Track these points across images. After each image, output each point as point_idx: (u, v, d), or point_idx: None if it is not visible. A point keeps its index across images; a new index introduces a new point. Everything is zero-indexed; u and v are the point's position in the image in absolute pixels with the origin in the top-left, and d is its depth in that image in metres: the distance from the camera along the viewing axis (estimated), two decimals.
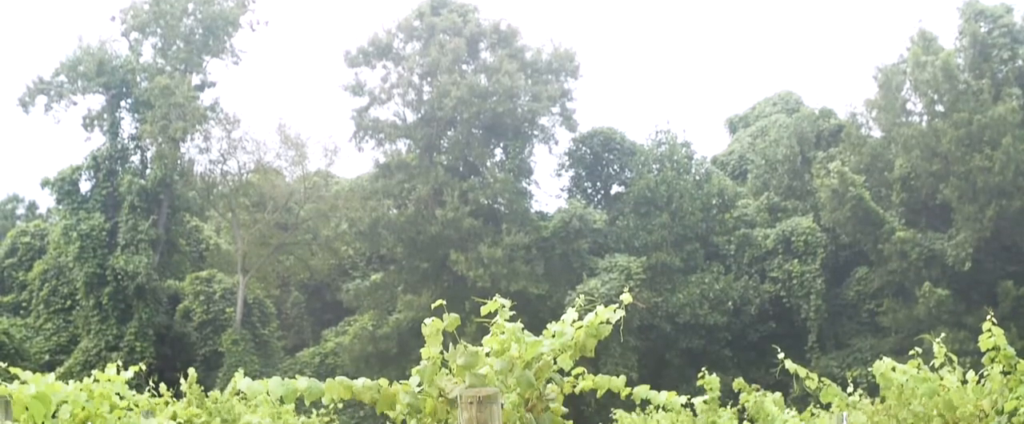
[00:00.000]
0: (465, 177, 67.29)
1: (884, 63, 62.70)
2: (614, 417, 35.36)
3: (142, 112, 69.85)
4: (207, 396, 19.28)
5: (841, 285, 64.68)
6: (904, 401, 11.91)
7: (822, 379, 14.01)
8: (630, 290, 8.33)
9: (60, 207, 72.52)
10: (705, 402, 21.82)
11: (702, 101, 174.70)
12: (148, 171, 70.19)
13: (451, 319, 7.89)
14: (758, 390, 18.21)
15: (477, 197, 65.94)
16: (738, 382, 18.04)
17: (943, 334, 14.18)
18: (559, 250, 66.32)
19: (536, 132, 69.99)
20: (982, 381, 11.07)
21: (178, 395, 19.05)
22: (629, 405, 34.03)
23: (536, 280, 64.36)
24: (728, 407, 22.57)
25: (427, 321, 7.93)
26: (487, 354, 8.08)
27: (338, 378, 7.80)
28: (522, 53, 68.79)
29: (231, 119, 72.81)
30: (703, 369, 20.59)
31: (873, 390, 14.23)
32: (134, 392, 13.95)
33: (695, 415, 23.46)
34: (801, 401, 27.80)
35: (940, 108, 59.46)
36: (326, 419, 28.68)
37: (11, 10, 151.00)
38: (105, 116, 70.71)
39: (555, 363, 8.04)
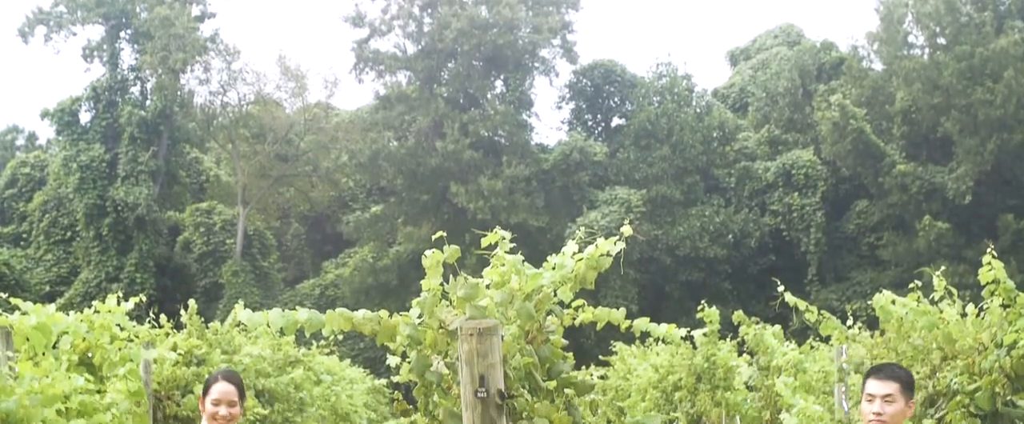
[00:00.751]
0: (465, 109, 67.15)
1: None
2: (614, 349, 35.48)
3: (142, 43, 69.61)
4: (207, 327, 19.32)
5: (841, 218, 64.72)
6: (903, 334, 11.93)
7: (822, 312, 14.03)
8: (630, 222, 8.32)
9: (60, 138, 72.45)
10: (705, 334, 21.95)
11: (703, 33, 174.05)
12: (148, 102, 70.05)
13: (451, 251, 7.88)
14: (757, 323, 18.26)
15: (477, 129, 65.85)
16: (738, 315, 18.10)
17: (943, 267, 14.18)
18: (559, 182, 66.30)
19: (537, 64, 69.80)
20: (981, 314, 11.08)
21: (178, 326, 19.09)
22: (629, 337, 34.19)
23: (536, 212, 64.39)
24: (727, 339, 22.67)
25: (427, 253, 7.93)
26: (487, 286, 8.08)
27: (338, 309, 7.81)
28: None
29: (231, 50, 72.62)
30: (703, 302, 20.65)
31: (872, 323, 14.26)
32: (134, 323, 14.00)
33: (695, 347, 23.55)
34: (800, 334, 27.92)
35: (942, 41, 59.25)
36: (326, 351, 28.79)
37: None
38: (104, 47, 70.47)
39: (555, 295, 8.04)
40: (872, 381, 6.43)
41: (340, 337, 16.26)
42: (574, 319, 8.43)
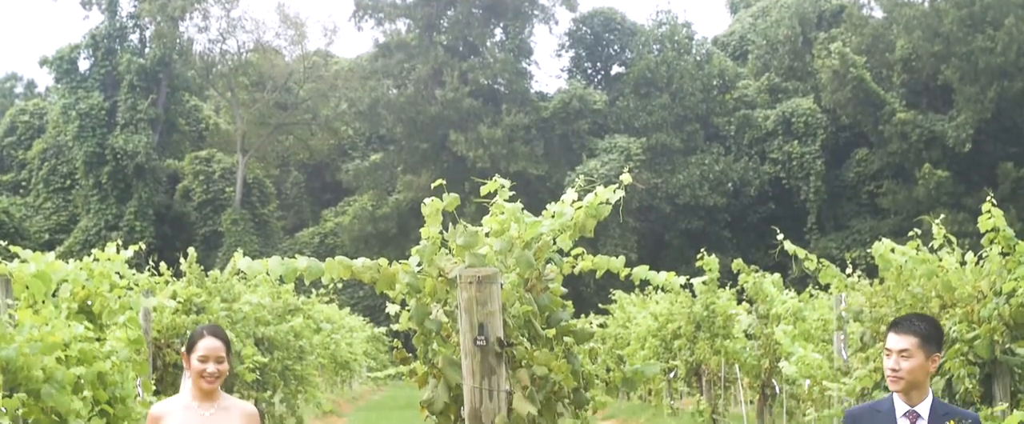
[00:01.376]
0: (465, 57, 66.98)
1: None
2: (613, 298, 35.54)
3: None
4: (207, 275, 19.33)
5: (841, 167, 64.69)
6: (903, 282, 11.93)
7: (821, 260, 14.03)
8: (630, 171, 8.30)
9: (59, 86, 72.32)
10: (704, 283, 21.98)
11: None
12: (147, 50, 69.87)
13: (450, 199, 7.87)
14: (757, 271, 18.27)
15: (477, 77, 65.71)
16: (737, 263, 18.11)
17: (942, 215, 14.17)
18: (559, 131, 66.21)
19: (536, 12, 69.57)
20: (981, 262, 11.07)
21: (178, 274, 19.10)
22: (628, 285, 34.24)
23: (536, 161, 64.36)
24: (727, 288, 22.71)
25: (426, 201, 7.91)
26: (486, 234, 8.08)
27: (337, 258, 7.81)
28: None
29: None
30: (702, 250, 20.68)
31: (872, 271, 14.26)
32: (134, 271, 13.99)
33: (694, 296, 23.60)
34: (800, 282, 27.96)
35: None
36: (326, 299, 28.82)
37: None
38: None
39: (554, 243, 8.04)
40: (891, 335, 6.17)
41: (339, 285, 16.28)
42: (573, 267, 8.42)
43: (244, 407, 7.01)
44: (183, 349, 7.01)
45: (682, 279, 8.98)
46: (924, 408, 6.11)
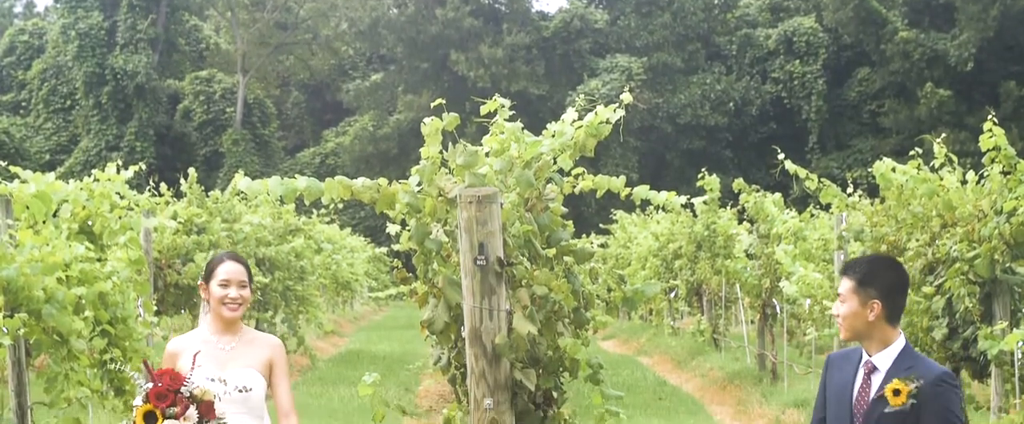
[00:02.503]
0: None
1: None
2: (614, 218, 35.59)
3: None
4: (207, 196, 19.35)
5: (842, 86, 64.47)
6: (904, 201, 11.93)
7: (822, 180, 14.02)
8: (630, 90, 8.27)
9: (58, 5, 71.86)
10: (705, 202, 21.99)
11: None
12: None
13: (450, 119, 7.84)
14: (758, 191, 18.29)
15: None
16: (738, 183, 18.12)
17: (944, 134, 14.17)
18: (560, 50, 65.95)
19: None
20: (982, 181, 11.07)
21: (178, 195, 19.12)
22: (629, 205, 34.16)
23: (536, 80, 64.17)
24: (728, 207, 22.72)
25: (426, 121, 7.88)
26: (487, 154, 8.05)
27: (337, 178, 7.79)
28: None
29: None
30: (703, 170, 20.67)
31: (873, 191, 14.25)
32: (134, 192, 13.98)
33: (695, 215, 23.63)
34: (801, 202, 27.96)
35: None
36: (327, 219, 28.85)
37: None
38: None
39: (555, 163, 8.02)
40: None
41: (340, 205, 16.24)
42: (574, 187, 8.41)
43: (269, 339, 6.58)
44: (200, 279, 6.56)
45: (683, 199, 8.96)
46: (884, 359, 5.52)
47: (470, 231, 7.06)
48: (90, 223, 12.40)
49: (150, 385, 5.73)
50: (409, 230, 7.85)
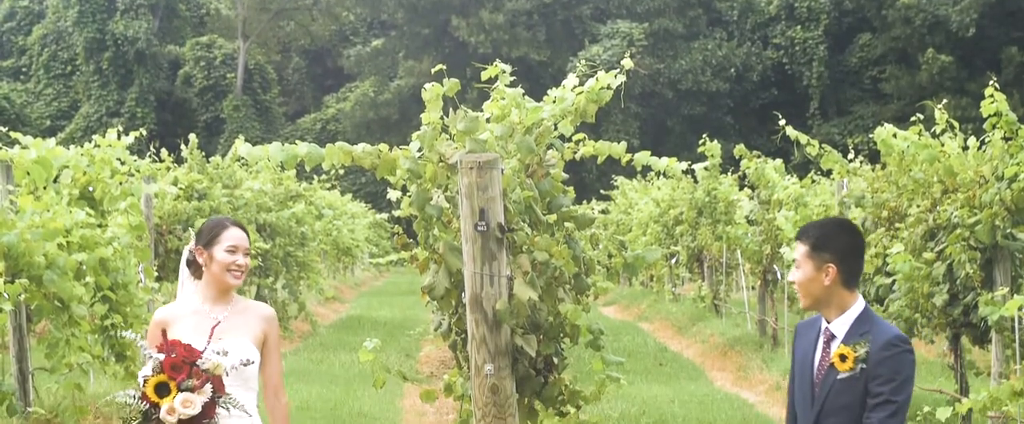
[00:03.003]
0: None
1: None
2: (615, 183, 35.58)
3: None
4: (208, 162, 19.35)
5: (844, 52, 64.35)
6: (905, 167, 11.92)
7: (823, 146, 14.01)
8: (631, 56, 8.25)
9: None
10: (706, 168, 21.90)
11: None
12: None
13: (451, 84, 7.82)
14: (759, 157, 18.26)
15: None
16: (739, 149, 18.09)
17: (945, 100, 14.11)
18: (561, 16, 65.80)
19: None
20: (983, 147, 11.05)
21: (179, 161, 19.12)
22: (630, 171, 34.24)
23: (537, 46, 64.06)
24: (729, 174, 22.68)
25: (427, 86, 7.87)
26: (487, 120, 8.04)
27: (338, 143, 7.79)
28: None
29: None
30: (704, 136, 20.63)
31: (874, 157, 14.24)
32: (135, 158, 13.99)
33: (696, 181, 23.61)
34: (802, 168, 27.92)
35: None
36: (327, 185, 28.84)
37: None
38: None
39: (556, 129, 8.01)
40: None
41: (341, 172, 16.22)
42: (575, 153, 8.40)
43: (261, 309, 6.15)
44: (197, 244, 6.04)
45: (684, 165, 8.95)
46: (841, 326, 5.31)
47: (471, 197, 7.06)
48: (91, 189, 12.40)
49: (161, 356, 5.41)
50: (410, 196, 7.84)
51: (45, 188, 10.96)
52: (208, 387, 5.40)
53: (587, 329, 7.71)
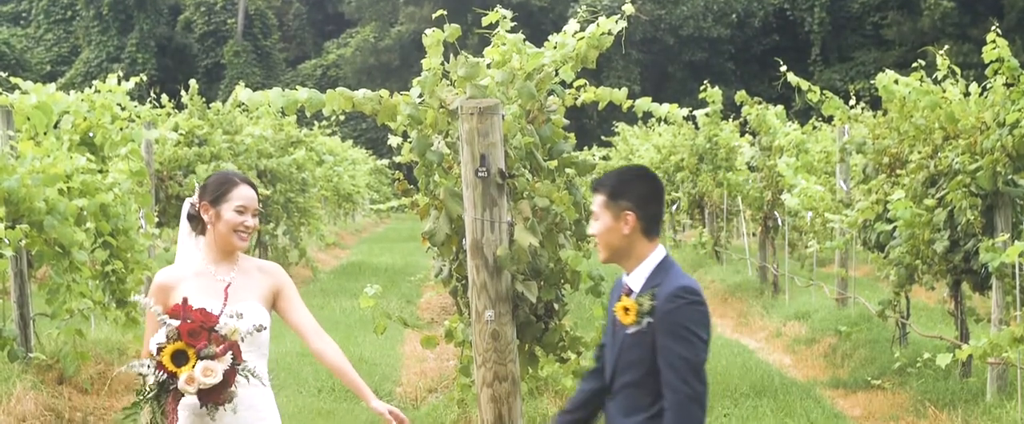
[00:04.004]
0: None
1: None
2: (616, 130, 35.54)
3: None
4: (209, 108, 19.31)
5: None
6: (906, 114, 11.90)
7: (824, 92, 13.97)
8: (632, 2, 8.22)
9: None
10: (707, 115, 21.90)
11: None
12: None
13: (452, 30, 7.80)
14: (760, 103, 18.22)
15: None
16: (740, 95, 18.04)
17: (947, 46, 14.08)
18: None
19: None
20: (985, 93, 11.02)
21: (180, 106, 19.09)
22: (631, 118, 34.17)
23: None
24: (730, 120, 22.66)
25: (428, 32, 7.85)
26: (488, 65, 8.03)
27: (338, 89, 7.77)
28: None
29: None
30: (705, 82, 20.57)
31: (875, 103, 14.22)
32: (135, 103, 13.96)
33: (697, 128, 23.58)
34: (803, 114, 27.90)
35: None
36: (328, 131, 28.82)
37: None
38: None
39: (556, 75, 8.00)
40: None
41: (342, 117, 16.12)
42: (576, 99, 8.39)
43: (267, 267, 5.72)
44: (202, 199, 5.59)
45: (685, 111, 8.94)
46: (638, 279, 5.03)
47: (471, 143, 7.05)
48: (91, 134, 12.39)
49: (176, 322, 5.02)
50: (410, 142, 7.84)
51: (45, 134, 10.96)
52: (228, 355, 5.04)
53: (588, 275, 7.72)
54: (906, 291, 12.28)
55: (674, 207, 25.96)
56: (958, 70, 11.74)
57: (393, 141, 8.88)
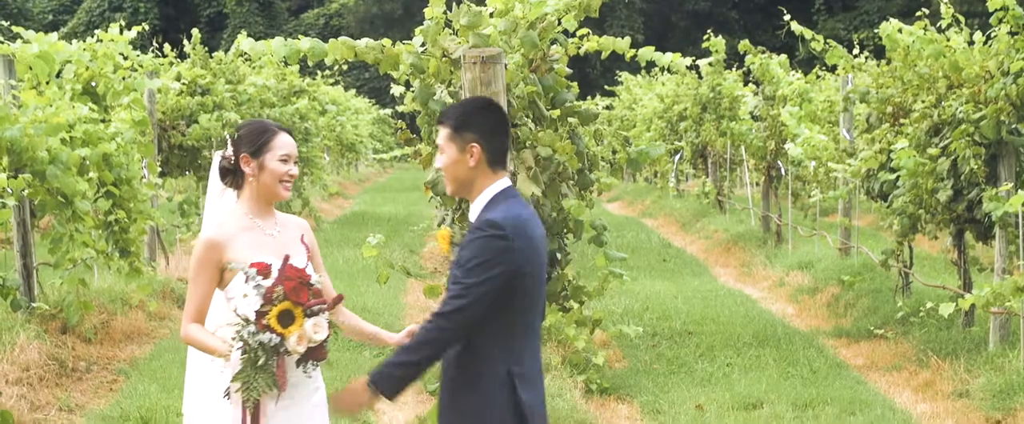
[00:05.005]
0: None
1: None
2: (619, 79, 35.46)
3: None
4: (211, 57, 19.26)
5: None
6: (910, 63, 11.86)
7: (828, 41, 13.93)
8: None
9: None
10: (710, 64, 21.88)
11: None
12: None
13: None
14: (764, 52, 18.16)
15: None
16: (744, 44, 17.98)
17: None
18: None
19: None
20: (988, 42, 10.98)
21: (182, 56, 19.04)
22: (634, 67, 34.06)
23: None
24: (733, 69, 22.61)
25: None
26: (490, 14, 8.00)
27: (341, 38, 7.75)
28: None
29: None
30: (709, 31, 20.52)
31: (879, 52, 14.16)
32: (138, 53, 13.94)
33: (700, 77, 23.53)
34: (807, 63, 27.82)
35: None
36: (331, 81, 28.77)
37: None
38: None
39: (559, 24, 7.97)
40: None
41: (345, 67, 16.11)
42: (578, 48, 8.36)
43: (302, 222, 5.50)
44: (242, 151, 5.27)
45: (688, 60, 8.92)
46: (475, 211, 5.02)
47: (474, 91, 7.03)
48: (93, 84, 12.37)
49: (269, 282, 4.79)
50: (413, 91, 7.83)
51: (48, 83, 10.94)
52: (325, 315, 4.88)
53: (590, 225, 7.73)
54: (909, 240, 12.28)
55: (677, 157, 25.93)
56: (962, 18, 11.69)
57: (396, 90, 8.87)
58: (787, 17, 15.19)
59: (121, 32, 12.68)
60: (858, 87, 13.12)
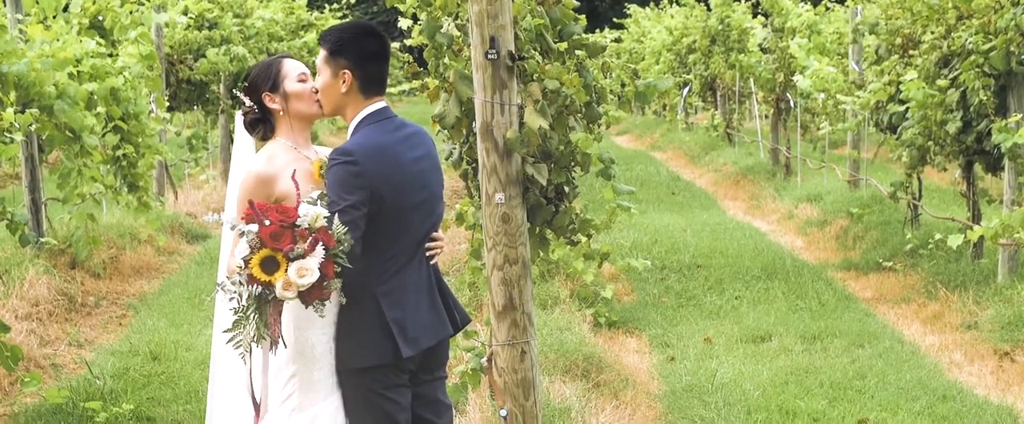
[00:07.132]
0: None
1: None
2: (628, 12, 35.31)
3: None
4: None
5: None
6: None
7: None
8: None
9: None
10: None
11: None
12: None
13: None
14: None
15: None
16: None
17: None
18: None
19: None
20: None
21: None
22: None
23: None
24: (742, 1, 22.50)
25: None
26: None
27: None
28: None
29: None
30: None
31: None
32: None
33: (709, 9, 23.42)
34: None
35: None
36: (339, 14, 28.67)
37: None
38: None
39: None
40: None
41: (352, 1, 16.01)
42: None
43: (327, 151, 5.34)
44: (260, 93, 5.28)
45: None
46: (348, 135, 5.13)
47: (481, 24, 6.99)
48: (101, 18, 12.34)
49: (254, 227, 4.58)
50: (420, 24, 7.79)
51: (54, 17, 10.90)
52: (318, 247, 4.61)
53: (598, 158, 7.72)
54: (918, 173, 12.27)
55: (686, 89, 25.86)
56: None
57: (403, 23, 8.83)
58: None
59: None
60: (867, 18, 13.06)
